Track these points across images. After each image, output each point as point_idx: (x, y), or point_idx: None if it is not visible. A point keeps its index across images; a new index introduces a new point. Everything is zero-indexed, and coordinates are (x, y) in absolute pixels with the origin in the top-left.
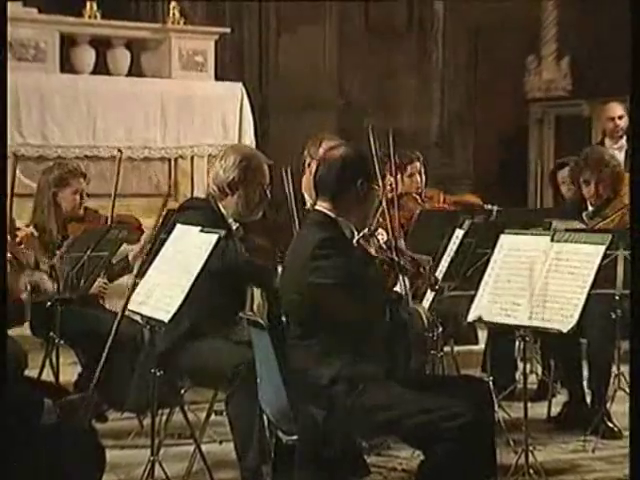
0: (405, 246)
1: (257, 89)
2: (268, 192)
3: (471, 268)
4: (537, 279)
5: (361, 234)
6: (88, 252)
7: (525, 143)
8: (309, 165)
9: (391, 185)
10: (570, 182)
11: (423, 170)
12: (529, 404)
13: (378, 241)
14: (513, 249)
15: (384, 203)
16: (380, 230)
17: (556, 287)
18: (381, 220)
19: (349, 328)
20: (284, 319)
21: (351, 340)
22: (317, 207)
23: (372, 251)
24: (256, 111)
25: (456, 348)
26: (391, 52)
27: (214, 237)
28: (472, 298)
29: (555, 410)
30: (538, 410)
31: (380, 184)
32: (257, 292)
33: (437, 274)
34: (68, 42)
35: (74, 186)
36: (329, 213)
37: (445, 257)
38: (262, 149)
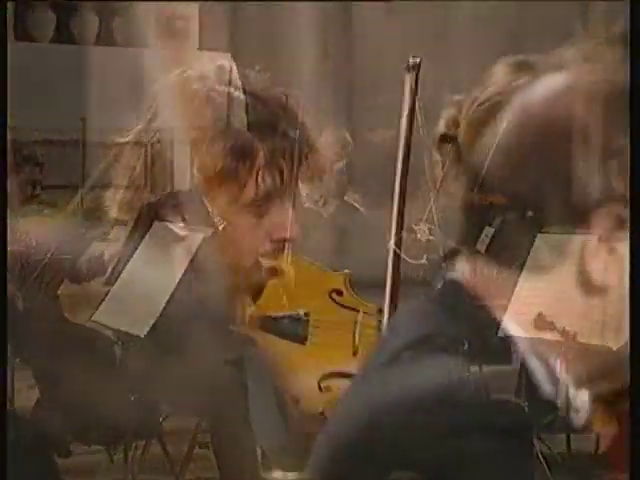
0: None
1: (248, 61)
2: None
3: (502, 273)
4: None
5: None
6: (49, 255)
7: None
8: (307, 158)
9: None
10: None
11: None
12: (573, 436)
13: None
14: (552, 250)
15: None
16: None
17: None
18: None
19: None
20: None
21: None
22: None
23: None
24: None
25: (485, 368)
26: (406, 21)
27: (199, 236)
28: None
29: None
30: (584, 443)
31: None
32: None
33: None
34: (24, 5)
35: (25, 174)
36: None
37: None
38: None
